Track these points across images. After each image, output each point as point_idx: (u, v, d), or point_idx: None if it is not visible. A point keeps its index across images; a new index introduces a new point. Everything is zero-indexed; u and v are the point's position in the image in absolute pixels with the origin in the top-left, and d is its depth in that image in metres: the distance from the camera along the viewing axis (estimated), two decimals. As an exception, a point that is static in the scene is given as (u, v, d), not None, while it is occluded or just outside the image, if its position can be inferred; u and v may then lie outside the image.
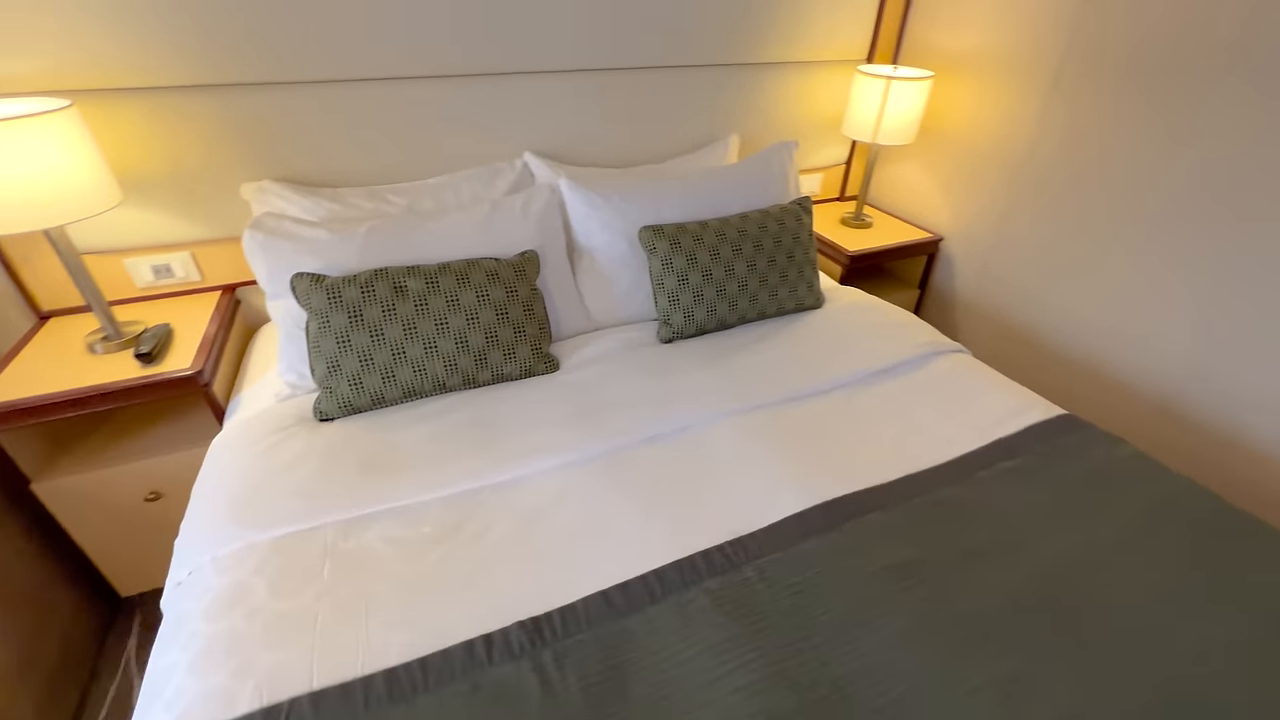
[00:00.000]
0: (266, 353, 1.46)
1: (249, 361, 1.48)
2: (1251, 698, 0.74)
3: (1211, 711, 0.73)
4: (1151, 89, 1.43)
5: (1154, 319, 1.54)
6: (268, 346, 1.48)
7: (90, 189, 1.15)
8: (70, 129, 1.11)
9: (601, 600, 0.86)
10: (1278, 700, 0.74)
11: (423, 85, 1.50)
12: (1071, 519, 1.00)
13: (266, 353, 1.46)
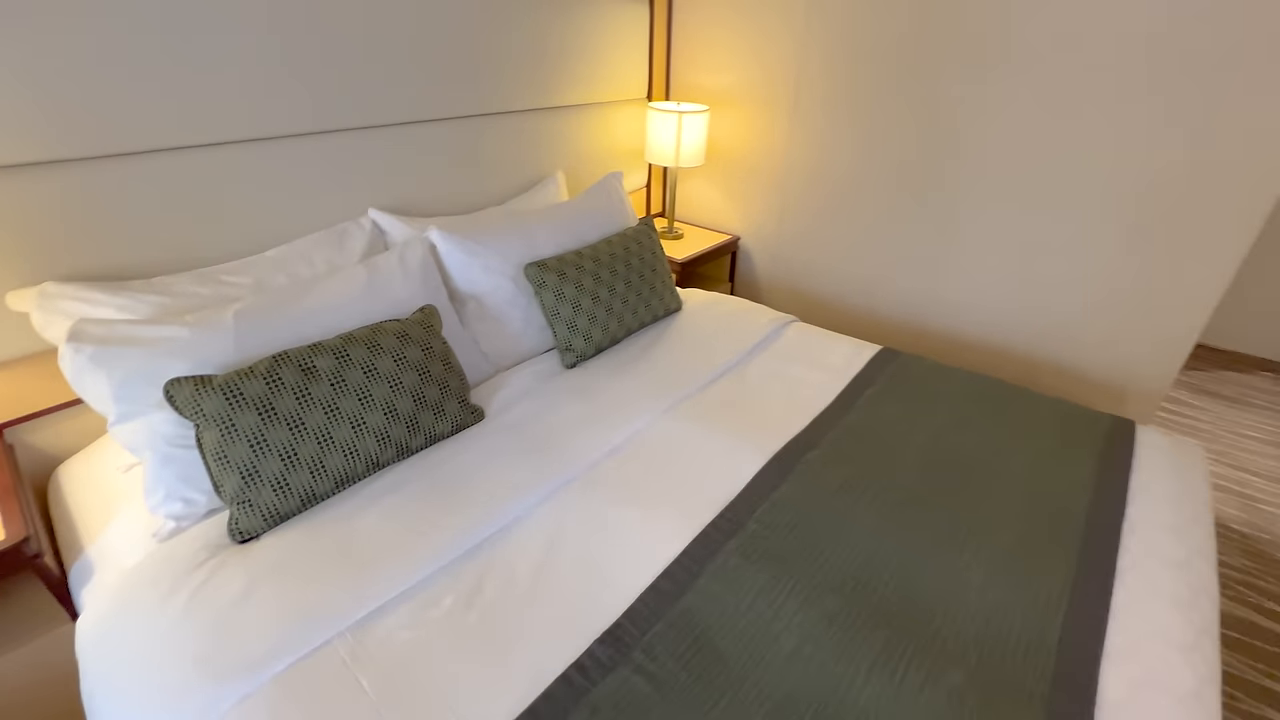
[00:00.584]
0: (89, 498, 1.15)
1: (64, 515, 1.15)
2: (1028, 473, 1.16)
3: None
4: (853, 110, 1.99)
5: (888, 266, 2.11)
6: (85, 490, 1.17)
7: None
8: None
9: (654, 593, 0.93)
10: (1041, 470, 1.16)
11: (244, 150, 1.34)
12: (925, 413, 1.37)
13: (89, 498, 1.15)
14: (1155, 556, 1.01)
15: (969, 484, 1.16)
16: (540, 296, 1.53)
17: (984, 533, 1.05)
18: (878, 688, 0.80)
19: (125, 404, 1.02)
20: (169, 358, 1.04)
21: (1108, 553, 1.01)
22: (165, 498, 1.04)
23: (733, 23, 2.15)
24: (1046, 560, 0.99)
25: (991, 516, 1.08)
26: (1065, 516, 1.08)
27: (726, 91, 2.26)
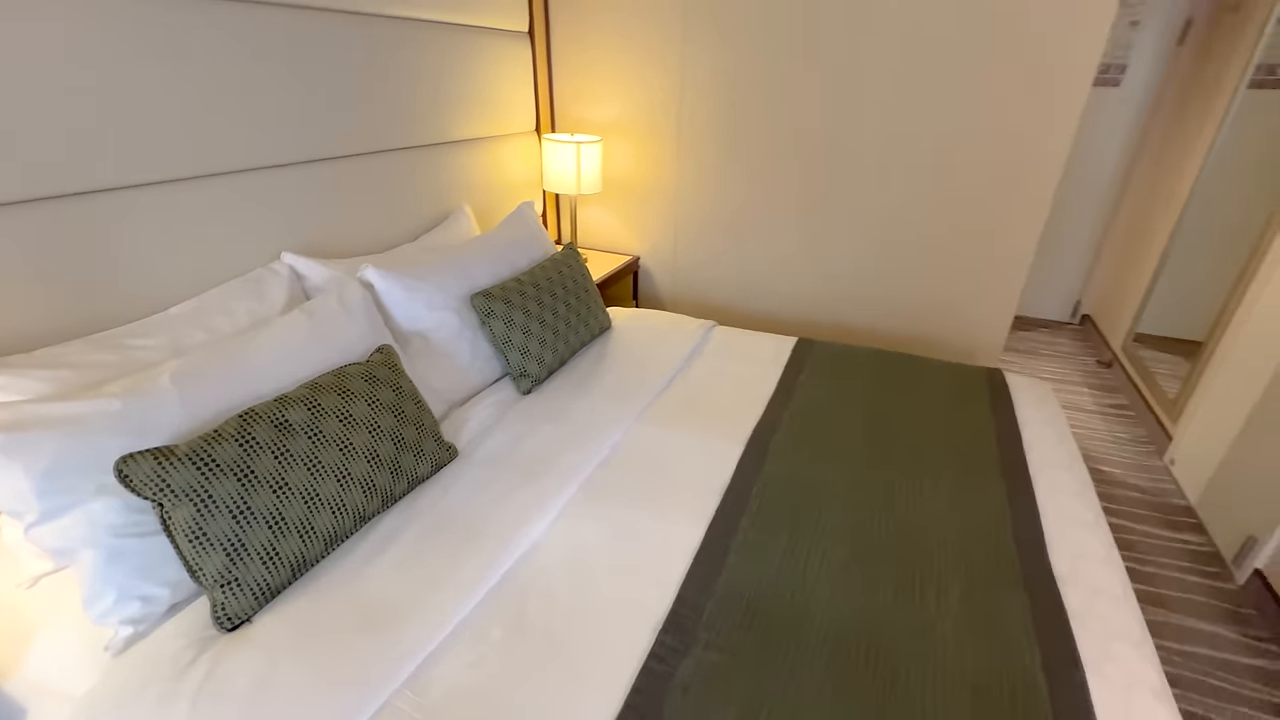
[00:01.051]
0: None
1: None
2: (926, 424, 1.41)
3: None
4: (733, 134, 2.24)
5: (778, 270, 2.38)
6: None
7: None
8: None
9: (693, 579, 0.99)
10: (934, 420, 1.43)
11: (128, 196, 1.18)
12: (851, 387, 1.58)
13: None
14: (1051, 465, 1.29)
15: (908, 437, 1.37)
16: (490, 326, 1.52)
17: (935, 470, 1.25)
18: (906, 607, 0.93)
19: (52, 498, 0.85)
20: (102, 435, 0.89)
21: (1021, 467, 1.26)
22: (117, 600, 0.88)
23: (612, 59, 2.31)
24: (983, 480, 1.22)
25: (935, 457, 1.29)
26: (984, 446, 1.33)
27: (614, 122, 2.40)
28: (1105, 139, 3.32)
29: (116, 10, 1.09)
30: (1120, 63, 3.20)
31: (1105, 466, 2.38)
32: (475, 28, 1.99)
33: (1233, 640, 1.66)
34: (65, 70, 1.04)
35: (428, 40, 1.79)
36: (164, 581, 0.92)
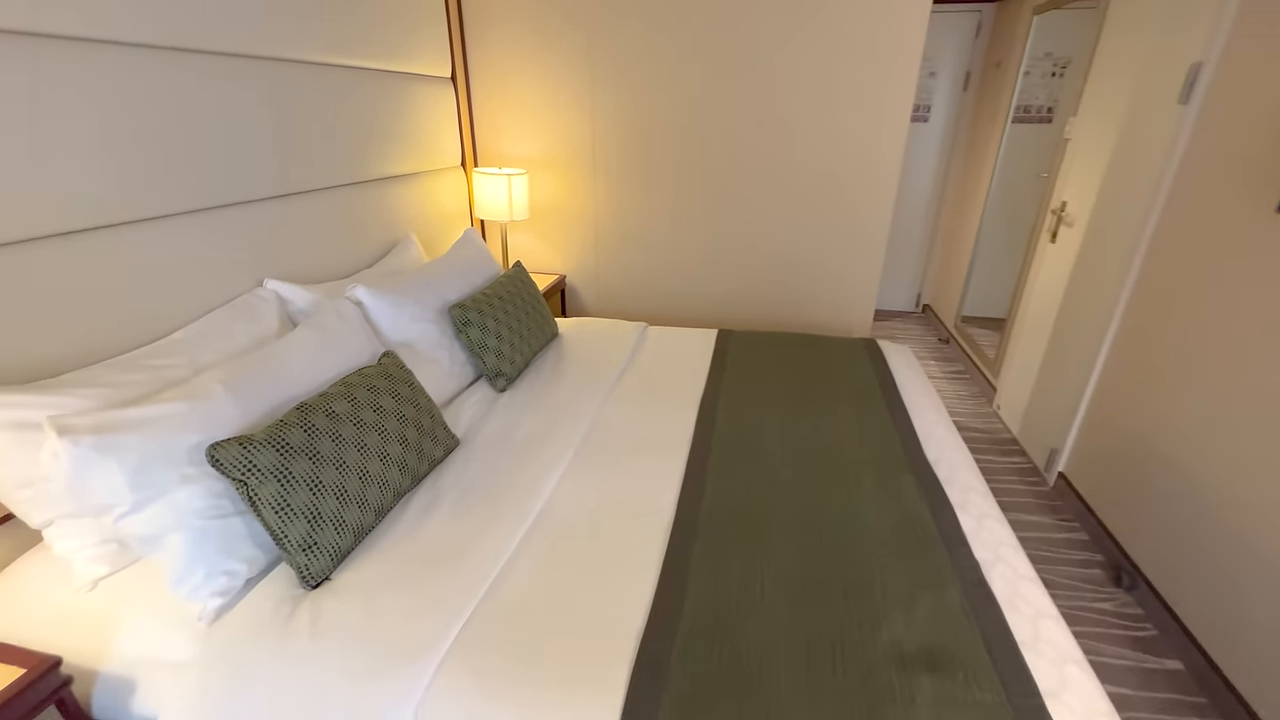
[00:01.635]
0: (42, 634, 0.99)
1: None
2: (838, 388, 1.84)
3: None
4: (639, 163, 2.61)
5: (686, 275, 2.78)
6: (31, 630, 1.00)
7: None
8: None
9: (687, 492, 1.28)
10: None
11: (122, 233, 1.27)
12: (770, 361, 1.96)
13: (42, 634, 0.99)
14: (917, 397, 1.74)
15: (818, 389, 1.76)
16: (467, 333, 1.72)
17: (841, 408, 1.64)
18: (836, 492, 1.29)
19: (141, 490, 0.96)
20: (176, 432, 1.01)
21: (898, 400, 1.70)
22: (205, 576, 0.99)
23: (528, 101, 2.60)
24: (875, 410, 1.63)
25: (840, 399, 1.69)
26: (871, 389, 1.75)
27: (535, 157, 2.68)
28: (922, 164, 4.15)
29: (123, 70, 1.21)
30: (926, 104, 4.04)
31: (953, 416, 3.00)
32: (407, 74, 2.19)
33: (1050, 523, 2.24)
34: (78, 121, 1.15)
35: (368, 86, 1.96)
36: (242, 558, 1.04)
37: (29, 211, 1.08)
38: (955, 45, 3.86)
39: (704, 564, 1.09)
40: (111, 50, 1.19)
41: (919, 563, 1.07)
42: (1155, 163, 1.99)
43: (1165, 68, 2.00)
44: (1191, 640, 1.66)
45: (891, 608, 0.98)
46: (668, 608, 0.99)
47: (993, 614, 0.96)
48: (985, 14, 3.76)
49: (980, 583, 1.03)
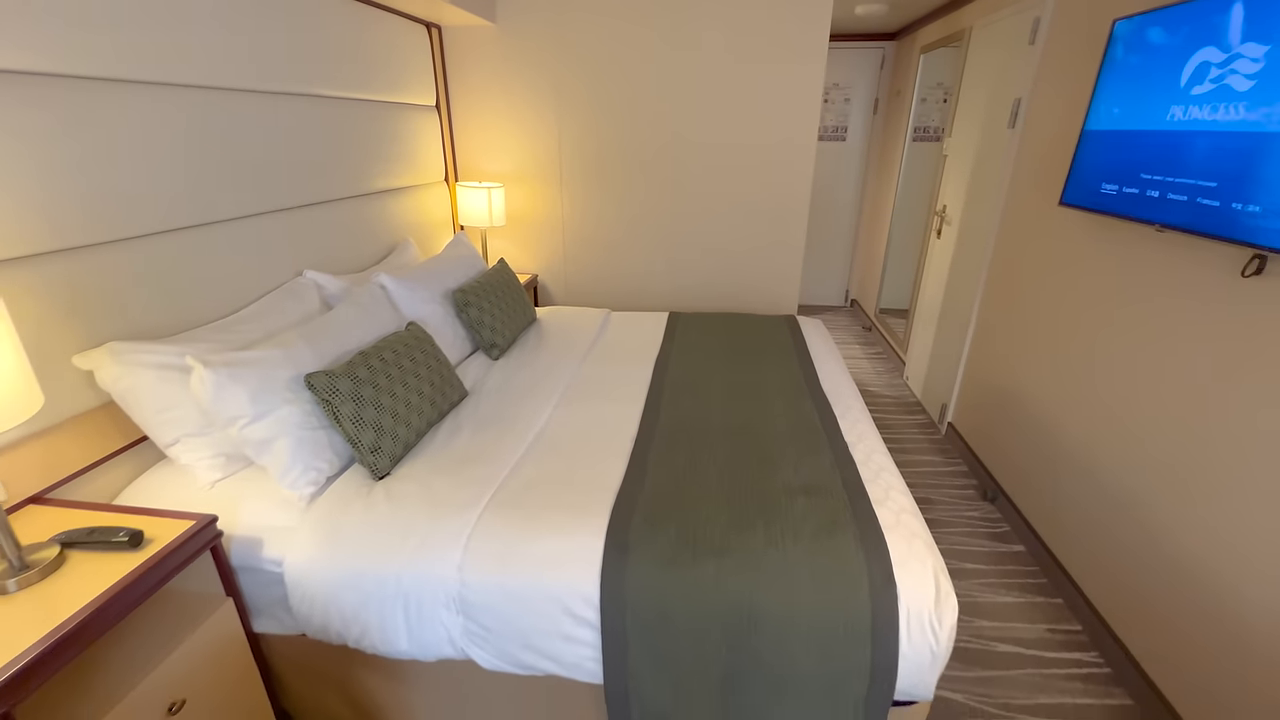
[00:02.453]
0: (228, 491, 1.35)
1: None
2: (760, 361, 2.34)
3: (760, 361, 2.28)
4: (600, 176, 3.09)
5: (642, 271, 3.25)
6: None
7: (15, 392, 1.00)
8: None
9: (646, 417, 1.72)
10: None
11: (216, 230, 1.65)
12: (712, 332, 2.44)
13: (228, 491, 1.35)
14: (823, 354, 2.24)
15: (748, 350, 2.25)
16: (467, 313, 2.14)
17: (764, 362, 2.13)
18: (757, 413, 1.75)
19: (259, 405, 1.34)
20: (277, 369, 1.40)
21: (808, 357, 2.19)
22: (302, 471, 1.38)
23: (501, 126, 3.04)
24: (789, 363, 2.12)
25: (764, 357, 2.17)
26: (788, 350, 2.25)
27: (509, 173, 3.12)
28: (844, 177, 4.78)
29: (201, 106, 1.60)
30: (844, 125, 4.68)
31: (873, 388, 3.56)
32: (401, 104, 2.60)
33: (941, 461, 2.79)
34: (182, 158, 1.53)
35: (369, 114, 2.37)
36: (325, 460, 1.43)
37: (150, 215, 1.46)
38: (865, 76, 4.52)
39: (660, 454, 1.54)
40: (171, 91, 1.58)
41: (806, 444, 1.55)
42: (997, 173, 2.59)
43: (1001, 100, 2.61)
44: (1031, 530, 2.20)
45: (785, 467, 1.45)
46: (635, 477, 1.44)
47: (849, 467, 1.44)
48: (887, 50, 4.43)
49: (844, 451, 1.51)
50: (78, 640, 0.96)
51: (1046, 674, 1.71)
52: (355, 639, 1.27)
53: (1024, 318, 2.33)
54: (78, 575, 1.07)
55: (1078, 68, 2.05)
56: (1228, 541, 1.38)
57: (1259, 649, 1.29)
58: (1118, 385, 1.79)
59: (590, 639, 1.19)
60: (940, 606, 1.11)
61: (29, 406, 1.00)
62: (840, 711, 1.12)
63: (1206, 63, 1.43)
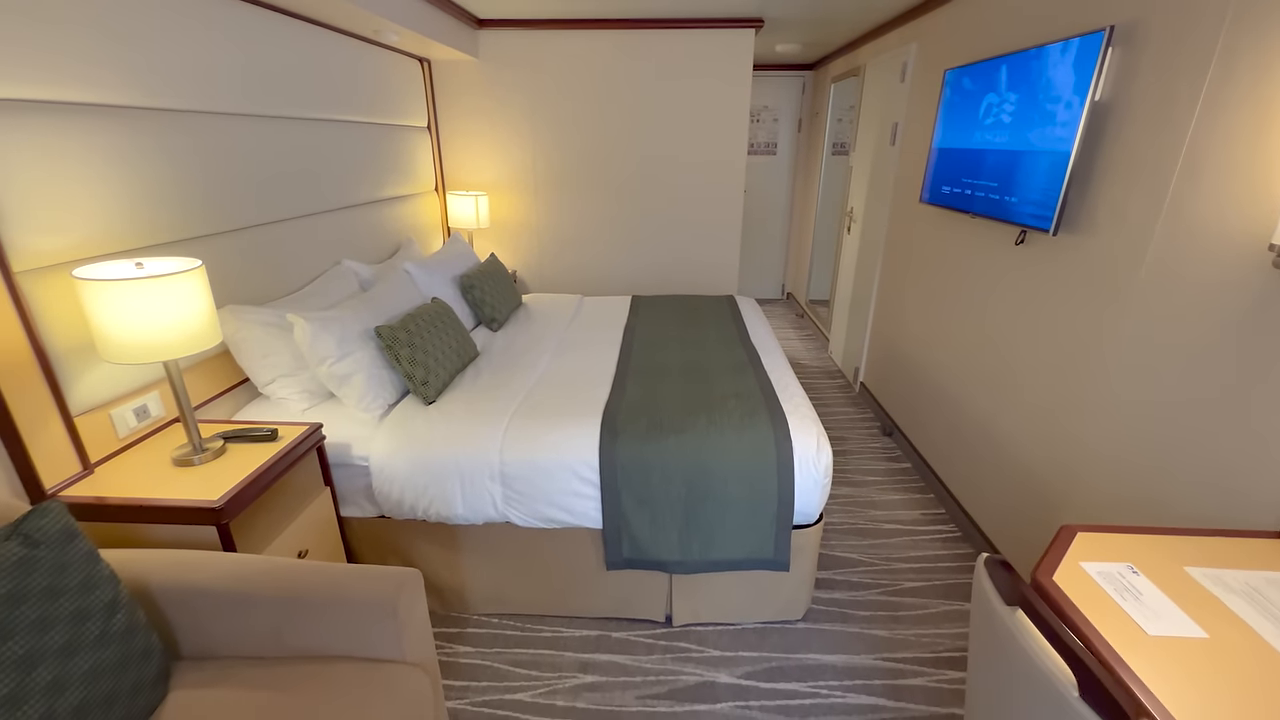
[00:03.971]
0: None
1: (271, 448, 1.80)
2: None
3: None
4: (569, 186, 3.66)
5: (608, 263, 3.84)
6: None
7: (209, 327, 1.48)
8: (199, 282, 1.45)
9: (620, 365, 2.29)
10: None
11: (281, 227, 2.14)
12: (668, 308, 3.03)
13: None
14: (754, 319, 2.87)
15: (696, 321, 2.85)
16: (471, 294, 2.66)
17: (709, 325, 2.73)
18: (705, 358, 2.35)
19: (343, 348, 1.84)
20: (353, 323, 1.90)
21: (742, 323, 2.81)
22: (374, 398, 1.88)
23: (483, 143, 3.58)
24: (728, 326, 2.73)
25: (709, 325, 2.78)
26: (728, 318, 2.86)
27: (490, 183, 3.65)
28: (776, 186, 5.51)
29: (265, 130, 2.10)
30: (774, 141, 5.41)
31: (804, 362, 4.24)
32: (400, 125, 3.11)
33: (855, 412, 3.47)
34: (265, 170, 2.02)
35: (377, 135, 2.87)
36: (388, 391, 1.93)
37: (239, 214, 1.94)
38: (790, 100, 5.27)
39: (633, 382, 2.11)
40: (222, 119, 2.07)
41: (738, 372, 2.16)
42: (886, 179, 3.30)
43: (886, 123, 3.34)
44: (915, 451, 2.88)
45: (722, 384, 2.05)
46: (617, 395, 2.00)
47: (767, 384, 2.05)
48: (807, 78, 5.20)
49: (765, 376, 2.12)
50: (256, 485, 1.45)
51: (917, 539, 2.36)
52: (424, 509, 1.78)
53: (906, 290, 3.04)
54: (238, 456, 1.55)
55: (930, 101, 2.77)
56: (1023, 424, 2.06)
57: (1035, 491, 1.96)
58: (957, 325, 2.48)
59: (592, 494, 1.74)
60: (819, 452, 1.72)
61: (214, 338, 1.48)
62: (762, 523, 1.71)
63: (990, 104, 2.13)
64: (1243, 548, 1.11)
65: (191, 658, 1.24)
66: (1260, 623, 0.93)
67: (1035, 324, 1.96)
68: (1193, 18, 1.40)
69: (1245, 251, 1.25)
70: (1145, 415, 1.50)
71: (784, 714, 1.64)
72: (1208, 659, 0.86)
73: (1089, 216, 1.72)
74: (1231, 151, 1.29)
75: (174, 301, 1.34)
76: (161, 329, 1.33)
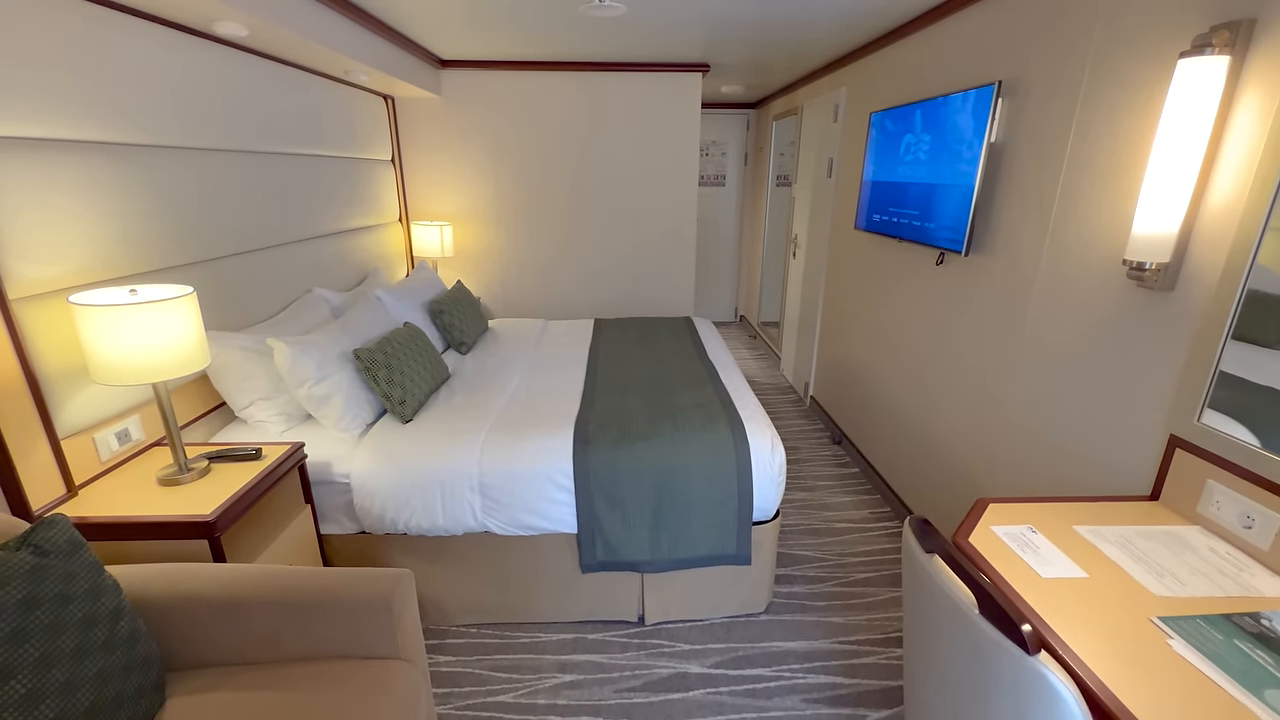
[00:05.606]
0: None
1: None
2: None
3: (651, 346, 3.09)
4: (528, 217, 3.82)
5: (564, 288, 3.99)
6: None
7: (199, 350, 1.55)
8: (191, 308, 1.53)
9: (588, 382, 2.43)
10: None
11: (254, 256, 2.21)
12: (629, 330, 3.20)
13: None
14: (710, 338, 3.07)
15: (656, 338, 3.02)
16: (441, 319, 2.76)
17: (668, 343, 2.91)
18: (666, 372, 2.52)
19: (322, 370, 1.92)
20: (331, 346, 1.99)
21: (699, 341, 3.00)
22: (353, 418, 1.96)
23: (445, 176, 3.71)
24: (686, 344, 2.91)
25: (669, 345, 2.96)
26: (686, 336, 3.05)
27: (453, 214, 3.78)
28: (726, 216, 5.83)
29: (234, 164, 2.19)
30: (723, 174, 5.74)
31: (758, 379, 4.47)
32: (366, 159, 3.22)
33: (806, 424, 3.69)
34: (230, 205, 2.10)
35: (344, 168, 2.97)
36: (367, 412, 2.01)
37: (213, 244, 2.01)
38: (736, 135, 5.63)
39: (601, 398, 2.25)
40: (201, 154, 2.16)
41: (698, 385, 2.34)
42: (825, 209, 3.61)
43: (822, 158, 3.66)
44: (862, 456, 3.11)
45: (684, 395, 2.21)
46: (586, 408, 2.14)
47: (725, 395, 2.23)
48: (751, 116, 5.57)
49: (722, 388, 2.30)
50: (243, 501, 1.51)
51: (866, 535, 2.56)
52: (405, 523, 1.86)
53: (847, 309, 3.31)
54: (223, 476, 1.60)
55: (859, 139, 3.09)
56: (951, 421, 2.30)
57: (963, 477, 2.19)
58: (892, 339, 2.74)
59: (567, 499, 1.86)
60: (774, 453, 1.90)
61: (204, 360, 1.55)
62: (724, 519, 1.87)
63: (909, 143, 2.43)
64: (1119, 509, 1.33)
65: (188, 667, 1.29)
66: (1129, 564, 1.14)
67: (958, 333, 2.22)
68: (1058, 74, 1.69)
69: (1108, 266, 1.52)
70: (1044, 405, 1.75)
71: (751, 696, 1.77)
72: (1086, 592, 1.06)
73: (993, 240, 1.99)
74: (1095, 184, 1.57)
75: (167, 326, 1.41)
76: (155, 351, 1.40)
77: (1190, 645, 0.93)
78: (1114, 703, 0.83)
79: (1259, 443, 1.14)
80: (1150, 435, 1.40)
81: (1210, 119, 1.21)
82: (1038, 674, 0.77)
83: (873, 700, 1.75)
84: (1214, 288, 1.24)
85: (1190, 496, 1.28)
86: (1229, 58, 1.18)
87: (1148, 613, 1.01)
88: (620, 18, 2.55)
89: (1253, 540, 1.15)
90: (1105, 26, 1.54)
